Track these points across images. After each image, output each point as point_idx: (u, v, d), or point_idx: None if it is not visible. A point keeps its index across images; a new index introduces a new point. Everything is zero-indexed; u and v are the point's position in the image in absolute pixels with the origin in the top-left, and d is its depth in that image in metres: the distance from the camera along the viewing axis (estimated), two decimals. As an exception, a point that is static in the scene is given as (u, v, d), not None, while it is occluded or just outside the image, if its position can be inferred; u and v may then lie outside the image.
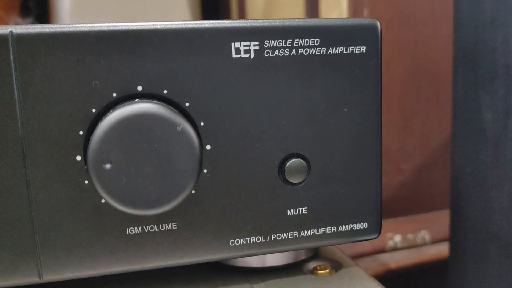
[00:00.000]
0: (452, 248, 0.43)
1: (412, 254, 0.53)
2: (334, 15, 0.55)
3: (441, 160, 0.58)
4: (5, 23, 0.67)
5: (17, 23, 0.67)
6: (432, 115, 0.57)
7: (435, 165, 0.58)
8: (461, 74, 0.39)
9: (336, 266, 0.26)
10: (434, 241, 0.55)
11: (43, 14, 0.70)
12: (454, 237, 0.42)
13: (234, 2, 0.80)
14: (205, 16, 0.79)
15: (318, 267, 0.25)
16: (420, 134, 0.57)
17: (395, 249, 0.53)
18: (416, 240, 0.54)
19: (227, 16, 0.83)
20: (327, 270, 0.25)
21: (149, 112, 0.19)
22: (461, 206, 0.40)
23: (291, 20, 0.22)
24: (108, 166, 0.19)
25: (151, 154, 0.20)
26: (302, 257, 0.26)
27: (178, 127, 0.20)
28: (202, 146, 0.21)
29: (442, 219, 0.54)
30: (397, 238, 0.53)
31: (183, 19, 0.73)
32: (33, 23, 0.69)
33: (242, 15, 0.77)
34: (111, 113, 0.20)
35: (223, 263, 0.26)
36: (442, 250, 0.52)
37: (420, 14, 0.55)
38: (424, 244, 0.54)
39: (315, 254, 0.27)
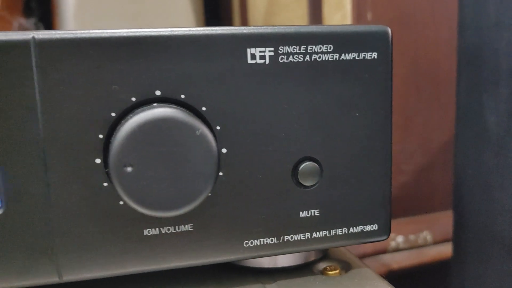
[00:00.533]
0: (455, 249, 0.43)
1: (414, 255, 0.53)
2: (337, 17, 0.55)
3: (442, 161, 0.59)
4: (9, 23, 0.67)
5: (20, 24, 0.67)
6: (432, 115, 0.58)
7: (436, 165, 0.59)
8: (464, 77, 0.40)
9: (346, 266, 0.26)
10: (436, 242, 0.55)
11: (46, 14, 0.70)
12: (457, 238, 0.43)
13: (236, 3, 0.81)
14: (207, 15, 0.79)
15: (328, 267, 0.26)
16: (420, 134, 0.58)
17: (397, 249, 0.54)
18: (418, 241, 0.55)
19: (228, 16, 0.84)
20: (337, 271, 0.26)
21: (169, 117, 0.20)
22: (464, 207, 0.41)
23: (305, 26, 0.23)
24: (129, 169, 0.20)
25: (170, 157, 0.20)
26: (312, 258, 0.27)
27: (197, 131, 0.20)
28: (218, 149, 0.22)
29: (443, 220, 0.55)
30: (399, 239, 0.54)
31: (185, 19, 0.73)
32: (36, 23, 0.69)
33: (244, 16, 0.78)
34: (131, 117, 0.20)
35: (235, 264, 0.26)
36: (444, 250, 0.53)
37: (421, 16, 0.56)
38: (426, 244, 0.55)
39: (325, 255, 0.28)
